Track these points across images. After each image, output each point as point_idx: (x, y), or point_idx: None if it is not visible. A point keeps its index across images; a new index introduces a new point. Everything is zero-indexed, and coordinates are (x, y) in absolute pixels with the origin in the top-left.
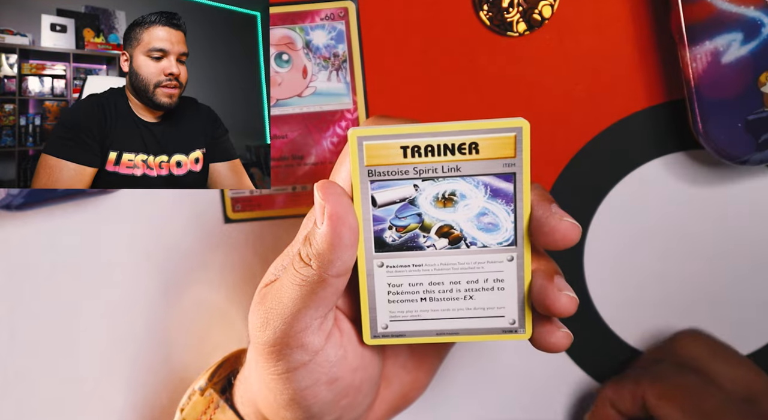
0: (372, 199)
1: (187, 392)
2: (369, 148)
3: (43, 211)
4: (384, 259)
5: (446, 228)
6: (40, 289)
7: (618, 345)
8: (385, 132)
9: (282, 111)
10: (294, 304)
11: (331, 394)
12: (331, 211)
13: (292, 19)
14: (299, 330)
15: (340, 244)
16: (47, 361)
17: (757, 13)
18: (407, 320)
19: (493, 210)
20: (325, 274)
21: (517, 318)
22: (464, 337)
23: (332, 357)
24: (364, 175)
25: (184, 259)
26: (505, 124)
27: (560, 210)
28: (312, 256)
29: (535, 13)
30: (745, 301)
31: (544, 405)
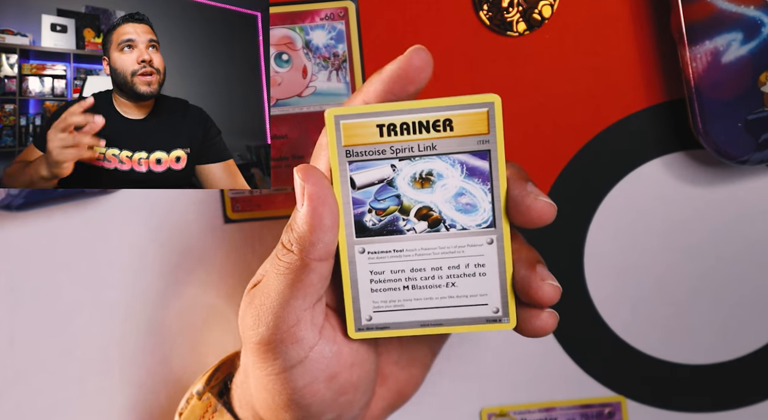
0: (351, 181)
1: (185, 396)
2: (346, 128)
3: (43, 211)
4: (365, 244)
5: (425, 210)
6: (40, 289)
7: (618, 345)
8: (361, 110)
9: (282, 111)
10: (281, 295)
11: (329, 391)
12: (310, 191)
13: (292, 19)
14: (291, 324)
15: (321, 224)
16: (47, 361)
17: (757, 13)
18: (391, 311)
19: (470, 190)
20: (307, 258)
21: (500, 306)
22: (448, 327)
23: (327, 352)
24: (342, 155)
25: (183, 259)
26: (477, 100)
27: (536, 189)
28: (293, 241)
29: (535, 13)
30: (745, 301)
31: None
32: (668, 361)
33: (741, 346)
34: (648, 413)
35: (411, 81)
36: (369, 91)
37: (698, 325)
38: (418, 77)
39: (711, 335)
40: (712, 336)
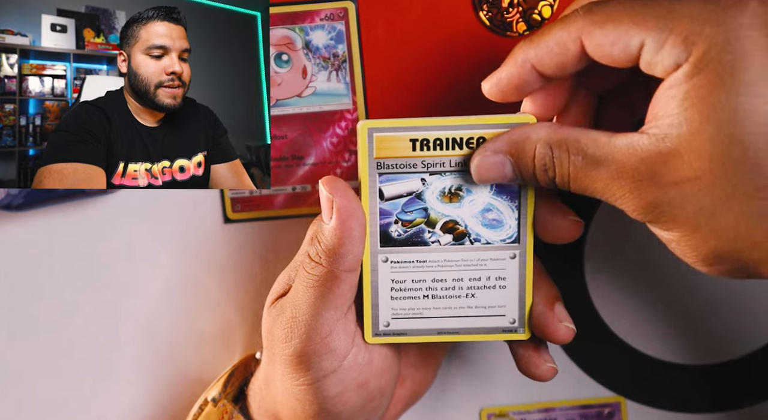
0: (380, 192)
1: (197, 402)
2: (379, 140)
3: (43, 211)
4: (389, 253)
5: (451, 224)
6: (40, 289)
7: (618, 345)
8: (395, 124)
9: (282, 111)
10: (313, 308)
11: (360, 399)
12: (339, 204)
13: (292, 20)
14: (325, 335)
15: (350, 237)
16: (47, 361)
17: None
18: (409, 318)
19: (498, 206)
20: (337, 270)
21: (518, 317)
22: (464, 336)
23: (360, 360)
24: (373, 167)
25: (183, 259)
26: (514, 119)
27: (564, 206)
28: (322, 254)
29: (534, 13)
30: (745, 301)
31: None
32: (668, 361)
33: (741, 346)
34: (648, 413)
35: None
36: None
37: (698, 325)
38: None
39: (711, 335)
40: (712, 336)
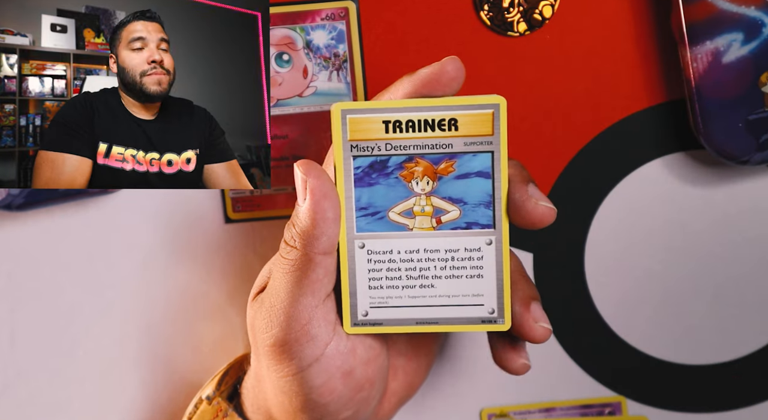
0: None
1: (193, 401)
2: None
3: (44, 211)
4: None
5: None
6: (41, 289)
7: (618, 345)
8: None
9: (282, 111)
10: (290, 294)
11: (346, 388)
12: (313, 185)
13: (293, 19)
14: (304, 322)
15: (324, 217)
16: (47, 361)
17: (757, 13)
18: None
19: None
20: (311, 253)
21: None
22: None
23: (342, 348)
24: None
25: (184, 259)
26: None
27: (537, 192)
28: (296, 237)
29: (535, 13)
30: (745, 301)
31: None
32: (668, 361)
33: (741, 346)
34: (648, 413)
35: (441, 87)
36: (398, 90)
37: (698, 325)
38: (449, 85)
39: (711, 335)
40: (712, 336)
